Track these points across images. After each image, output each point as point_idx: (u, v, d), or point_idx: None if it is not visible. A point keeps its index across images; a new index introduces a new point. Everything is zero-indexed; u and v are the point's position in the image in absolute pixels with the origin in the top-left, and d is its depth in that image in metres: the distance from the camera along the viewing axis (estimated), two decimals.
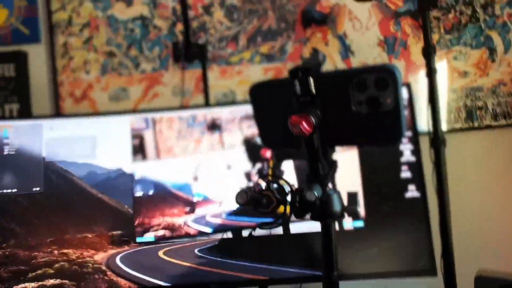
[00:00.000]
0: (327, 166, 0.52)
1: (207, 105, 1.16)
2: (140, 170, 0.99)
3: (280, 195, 0.57)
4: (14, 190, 0.97)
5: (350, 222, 0.92)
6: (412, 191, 0.93)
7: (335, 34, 1.40)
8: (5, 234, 0.96)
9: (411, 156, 0.95)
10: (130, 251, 0.96)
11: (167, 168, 0.99)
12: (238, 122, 0.96)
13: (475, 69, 1.34)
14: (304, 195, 0.50)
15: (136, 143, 1.00)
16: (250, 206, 0.57)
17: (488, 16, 1.32)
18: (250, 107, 0.57)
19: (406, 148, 0.95)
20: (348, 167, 0.94)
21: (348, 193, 0.52)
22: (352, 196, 0.52)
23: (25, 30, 1.41)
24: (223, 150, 0.97)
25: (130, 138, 1.01)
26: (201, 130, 0.98)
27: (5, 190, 0.97)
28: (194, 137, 0.99)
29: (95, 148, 0.99)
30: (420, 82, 1.33)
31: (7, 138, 0.99)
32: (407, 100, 0.95)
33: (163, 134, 1.00)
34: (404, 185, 0.93)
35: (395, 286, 1.22)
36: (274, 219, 0.59)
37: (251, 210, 0.56)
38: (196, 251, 0.96)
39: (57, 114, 1.39)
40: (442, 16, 1.37)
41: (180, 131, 0.99)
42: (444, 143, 1.12)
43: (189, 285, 0.97)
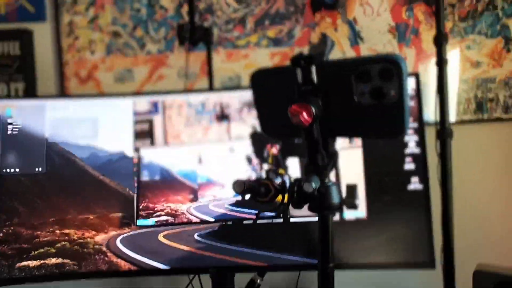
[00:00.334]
0: (327, 158, 0.51)
1: (210, 89, 1.14)
2: (148, 155, 0.99)
3: (279, 184, 0.56)
4: (17, 170, 0.98)
5: (351, 212, 0.91)
6: (415, 183, 0.92)
7: (344, 20, 1.36)
8: (9, 213, 0.97)
9: (415, 148, 0.93)
10: (131, 233, 0.97)
11: (174, 154, 0.98)
12: (246, 111, 0.95)
13: (488, 59, 1.31)
14: (302, 186, 0.49)
15: (145, 128, 0.99)
16: (247, 194, 0.56)
17: (506, 4, 1.27)
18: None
19: (411, 139, 0.93)
20: (350, 156, 0.92)
21: (347, 185, 0.51)
22: (351, 188, 0.51)
23: (31, 8, 1.40)
24: (229, 140, 0.96)
25: (132, 120, 1.00)
26: (209, 118, 0.98)
27: (8, 170, 0.97)
28: (202, 125, 0.98)
29: (97, 129, 0.99)
30: (431, 71, 1.30)
31: (11, 117, 0.99)
32: (415, 91, 0.93)
33: (172, 120, 0.99)
34: (407, 177, 0.91)
35: (393, 277, 1.23)
36: (272, 209, 0.58)
37: (253, 202, 0.56)
38: (195, 236, 0.97)
39: (60, 94, 1.39)
40: (458, 3, 1.32)
41: (189, 118, 0.98)
42: (450, 135, 1.10)
43: (188, 268, 0.98)
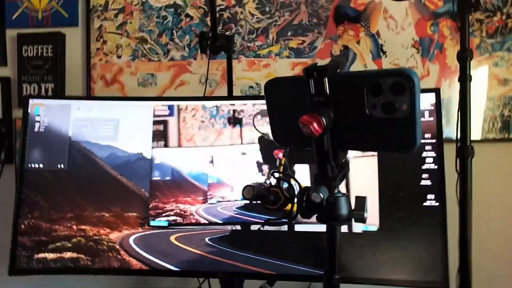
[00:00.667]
0: (337, 169, 0.51)
1: (228, 97, 1.16)
2: (161, 155, 1.01)
3: (289, 193, 0.56)
4: (41, 166, 1.02)
5: (363, 225, 0.90)
6: (431, 200, 0.90)
7: (367, 33, 1.36)
8: (31, 206, 1.01)
9: (433, 164, 0.91)
10: (144, 233, 0.99)
11: (186, 155, 1.01)
12: (259, 117, 0.96)
13: None
14: (310, 195, 0.50)
15: (160, 129, 1.02)
16: (256, 201, 0.57)
17: None
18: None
19: (428, 155, 0.92)
20: (365, 168, 0.92)
21: (357, 197, 0.51)
22: (360, 200, 0.50)
23: (65, 13, 1.47)
24: (242, 144, 0.97)
25: (151, 124, 1.03)
26: (223, 122, 0.99)
27: (33, 165, 1.02)
28: (215, 128, 1.00)
29: (118, 131, 1.02)
30: (455, 87, 1.27)
31: (39, 115, 1.04)
32: (435, 106, 0.91)
33: (186, 122, 1.02)
34: (423, 193, 0.90)
35: None
36: (281, 216, 0.59)
37: (260, 206, 0.57)
38: (206, 240, 0.98)
39: (85, 95, 1.44)
40: (486, 19, 1.30)
41: (203, 121, 1.00)
42: (471, 153, 1.07)
43: (198, 272, 0.99)
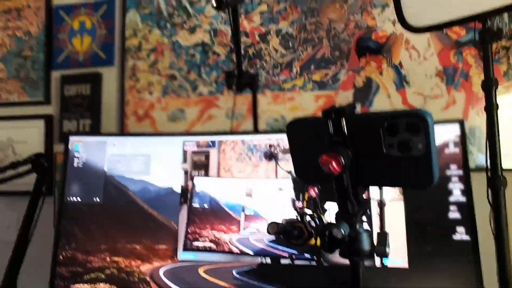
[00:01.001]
0: (357, 205, 0.52)
1: (254, 132, 1.20)
2: (201, 184, 1.06)
3: (313, 228, 0.58)
4: (78, 199, 1.08)
5: (392, 260, 0.89)
6: (461, 234, 0.88)
7: (390, 64, 1.38)
8: (69, 237, 1.07)
9: (461, 196, 0.90)
10: (173, 265, 1.02)
11: (224, 186, 1.04)
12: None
13: None
14: (331, 231, 0.51)
15: (202, 159, 1.07)
16: (281, 236, 0.59)
17: None
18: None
19: (455, 187, 0.90)
20: (392, 203, 0.91)
21: (378, 233, 0.52)
22: (382, 236, 0.51)
23: (103, 55, 1.59)
24: (276, 178, 1.00)
25: (181, 157, 1.08)
26: (259, 156, 1.03)
27: (72, 198, 1.09)
28: (252, 161, 1.04)
29: (150, 165, 1.07)
30: (484, 114, 1.25)
31: (78, 152, 1.11)
32: (460, 137, 0.91)
33: (226, 154, 1.06)
34: (451, 226, 0.88)
35: None
36: (307, 251, 0.60)
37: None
38: (234, 273, 0.99)
39: (119, 132, 1.52)
40: None
41: (241, 154, 1.05)
42: (504, 184, 1.04)
43: None
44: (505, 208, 1.01)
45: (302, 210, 0.84)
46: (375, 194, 0.90)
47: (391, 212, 0.91)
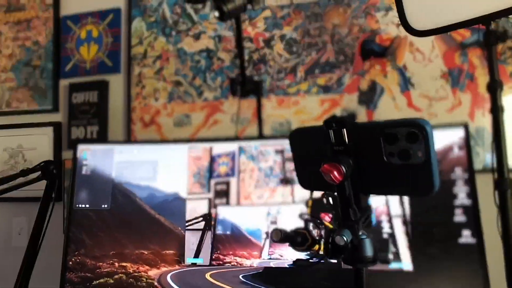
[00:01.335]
0: (359, 212, 0.53)
1: (258, 138, 1.21)
2: (223, 212, 1.08)
3: (319, 234, 0.58)
4: (87, 206, 1.10)
5: (397, 263, 0.89)
6: (467, 237, 0.88)
7: (394, 66, 1.38)
8: (78, 243, 1.09)
9: (466, 199, 0.90)
10: (180, 270, 1.03)
11: (244, 213, 1.07)
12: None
13: None
14: (334, 238, 0.52)
15: (224, 188, 1.09)
16: (285, 243, 0.60)
17: None
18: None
19: (461, 190, 0.90)
20: (396, 204, 0.91)
21: (380, 239, 0.52)
22: (384, 242, 0.52)
23: (109, 62, 1.61)
24: (292, 203, 1.02)
25: (187, 164, 1.09)
26: (276, 181, 1.05)
27: (80, 205, 1.10)
28: (269, 186, 1.05)
29: (156, 172, 1.09)
30: (489, 115, 1.25)
31: (86, 159, 1.13)
32: (464, 140, 0.91)
33: (245, 182, 1.08)
34: (457, 230, 0.88)
35: None
36: (311, 256, 0.61)
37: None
38: (240, 277, 1.00)
39: (126, 140, 1.54)
40: None
41: (258, 181, 1.06)
42: (510, 185, 1.03)
43: None
44: None
45: (305, 217, 0.84)
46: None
47: (395, 215, 0.91)
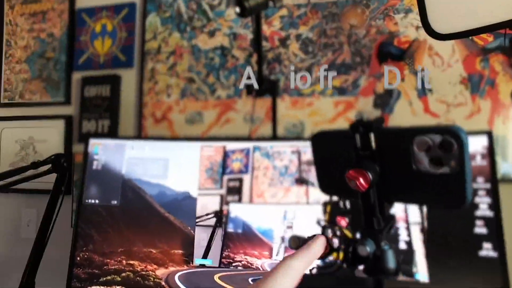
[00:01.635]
0: (383, 221, 0.50)
1: (272, 138, 1.19)
2: (235, 210, 1.05)
3: (335, 242, 0.56)
4: (96, 201, 1.09)
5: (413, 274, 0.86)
6: (488, 250, 0.84)
7: (412, 70, 1.35)
8: (86, 239, 1.08)
9: (488, 211, 0.86)
10: (188, 271, 1.01)
11: (256, 211, 1.04)
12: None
13: None
14: (356, 248, 0.49)
15: (236, 185, 1.07)
16: None
17: None
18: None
19: (482, 201, 0.87)
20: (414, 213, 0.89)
21: (404, 250, 0.50)
22: (408, 254, 0.49)
23: (122, 57, 1.60)
24: (307, 204, 0.99)
25: (199, 162, 1.08)
26: (290, 181, 1.02)
27: (90, 200, 1.09)
28: (283, 186, 1.03)
29: (167, 169, 1.07)
30: (510, 123, 1.21)
31: (97, 154, 1.12)
32: (488, 149, 0.88)
33: (258, 180, 1.06)
34: (477, 242, 0.85)
35: None
36: (329, 264, 0.58)
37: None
38: (250, 280, 0.98)
39: (138, 136, 1.53)
40: None
41: (273, 179, 1.04)
42: None
43: None
44: None
45: (323, 224, 0.82)
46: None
47: (413, 222, 0.88)
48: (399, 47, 1.36)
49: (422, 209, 0.86)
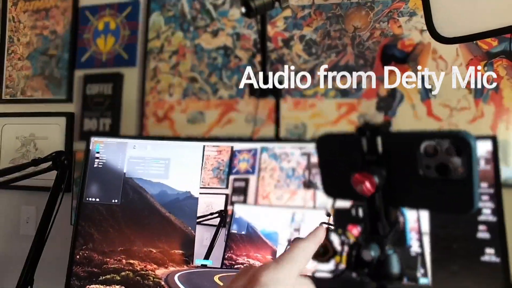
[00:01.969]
0: (388, 226, 0.50)
1: (275, 140, 1.19)
2: (240, 211, 1.04)
3: (339, 246, 0.56)
4: (97, 200, 1.09)
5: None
6: (490, 255, 0.84)
7: (415, 73, 1.34)
8: (86, 237, 1.07)
9: (491, 216, 0.86)
10: (188, 271, 1.01)
11: (261, 213, 1.03)
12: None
13: None
14: (360, 253, 0.49)
15: (242, 186, 1.06)
16: None
17: None
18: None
19: (486, 206, 0.87)
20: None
21: (408, 256, 0.49)
22: (412, 259, 0.49)
23: (125, 55, 1.60)
24: (314, 208, 0.98)
25: (201, 162, 1.07)
26: (297, 183, 1.01)
27: (90, 199, 1.09)
28: (290, 188, 1.02)
29: (169, 169, 1.07)
30: None
31: (98, 152, 1.11)
32: (492, 154, 0.87)
33: (264, 181, 1.05)
34: (480, 247, 0.84)
35: None
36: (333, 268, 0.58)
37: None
38: None
39: (139, 135, 1.53)
40: None
41: (279, 181, 1.03)
42: None
43: None
44: None
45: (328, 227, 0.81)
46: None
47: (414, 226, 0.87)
48: (403, 50, 1.36)
49: (419, 213, 0.85)
